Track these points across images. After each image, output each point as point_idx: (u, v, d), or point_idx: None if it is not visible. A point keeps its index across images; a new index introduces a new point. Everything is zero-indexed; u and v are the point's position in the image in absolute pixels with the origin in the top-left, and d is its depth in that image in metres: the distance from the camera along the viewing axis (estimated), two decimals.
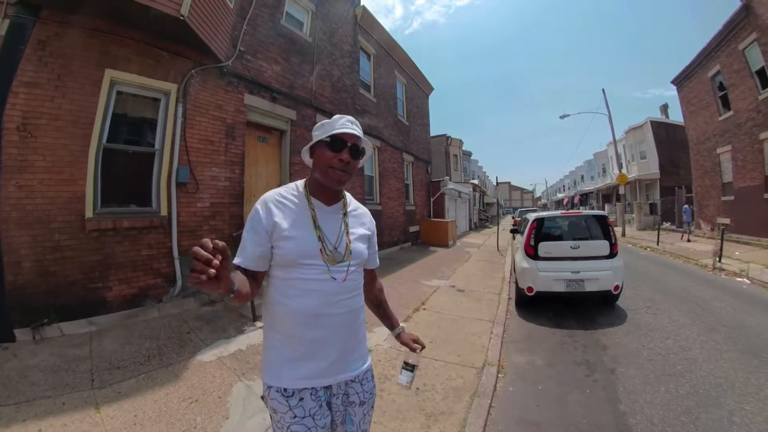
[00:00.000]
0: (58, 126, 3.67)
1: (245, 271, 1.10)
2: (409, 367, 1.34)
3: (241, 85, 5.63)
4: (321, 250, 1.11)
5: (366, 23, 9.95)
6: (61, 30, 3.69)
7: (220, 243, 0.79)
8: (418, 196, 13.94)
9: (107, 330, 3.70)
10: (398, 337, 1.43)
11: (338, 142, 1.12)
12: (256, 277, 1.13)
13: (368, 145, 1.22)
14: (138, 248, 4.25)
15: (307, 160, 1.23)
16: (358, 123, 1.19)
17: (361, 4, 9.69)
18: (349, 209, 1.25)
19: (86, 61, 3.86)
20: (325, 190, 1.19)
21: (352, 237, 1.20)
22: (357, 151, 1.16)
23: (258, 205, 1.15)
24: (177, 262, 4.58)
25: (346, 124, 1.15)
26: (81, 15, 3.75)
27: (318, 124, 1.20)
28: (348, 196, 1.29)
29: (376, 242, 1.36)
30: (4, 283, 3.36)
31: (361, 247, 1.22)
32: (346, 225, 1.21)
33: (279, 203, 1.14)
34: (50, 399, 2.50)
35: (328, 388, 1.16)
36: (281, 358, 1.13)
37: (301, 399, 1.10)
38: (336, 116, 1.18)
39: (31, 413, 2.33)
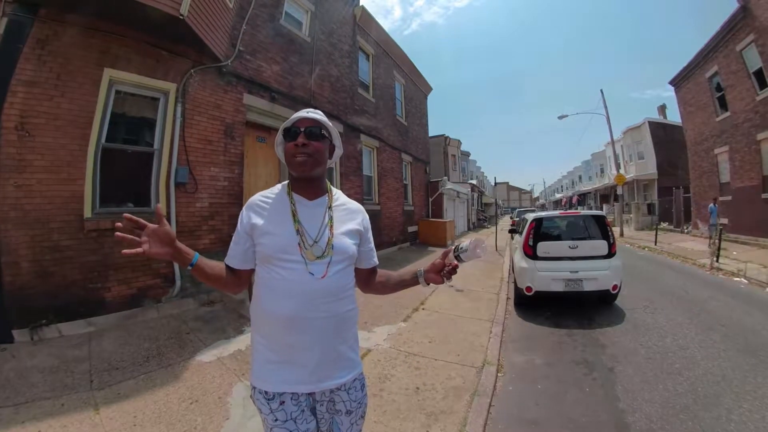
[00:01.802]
0: (57, 125, 3.66)
1: (233, 270, 1.18)
2: (460, 249, 1.24)
3: (240, 85, 5.63)
4: (300, 244, 1.09)
5: (365, 23, 9.96)
6: (60, 29, 3.68)
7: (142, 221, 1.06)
8: (416, 196, 13.95)
9: (106, 330, 3.69)
10: (426, 276, 1.30)
11: (292, 132, 1.14)
12: (241, 275, 1.20)
13: (331, 126, 1.20)
14: None
15: (284, 161, 1.24)
16: (319, 113, 1.18)
17: (360, 4, 9.70)
18: (335, 203, 1.21)
19: (85, 60, 3.84)
20: (304, 184, 1.18)
21: (336, 231, 1.15)
22: (314, 133, 1.14)
23: (243, 209, 1.19)
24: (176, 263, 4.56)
25: (298, 115, 1.16)
26: (80, 14, 3.73)
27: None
28: (337, 191, 1.26)
29: (371, 239, 1.30)
30: (2, 283, 3.34)
31: (346, 242, 1.16)
32: (331, 218, 1.16)
33: (260, 206, 1.16)
34: (49, 400, 2.49)
35: (311, 394, 1.12)
36: (263, 360, 1.11)
37: (282, 402, 1.08)
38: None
39: (30, 415, 2.32)
